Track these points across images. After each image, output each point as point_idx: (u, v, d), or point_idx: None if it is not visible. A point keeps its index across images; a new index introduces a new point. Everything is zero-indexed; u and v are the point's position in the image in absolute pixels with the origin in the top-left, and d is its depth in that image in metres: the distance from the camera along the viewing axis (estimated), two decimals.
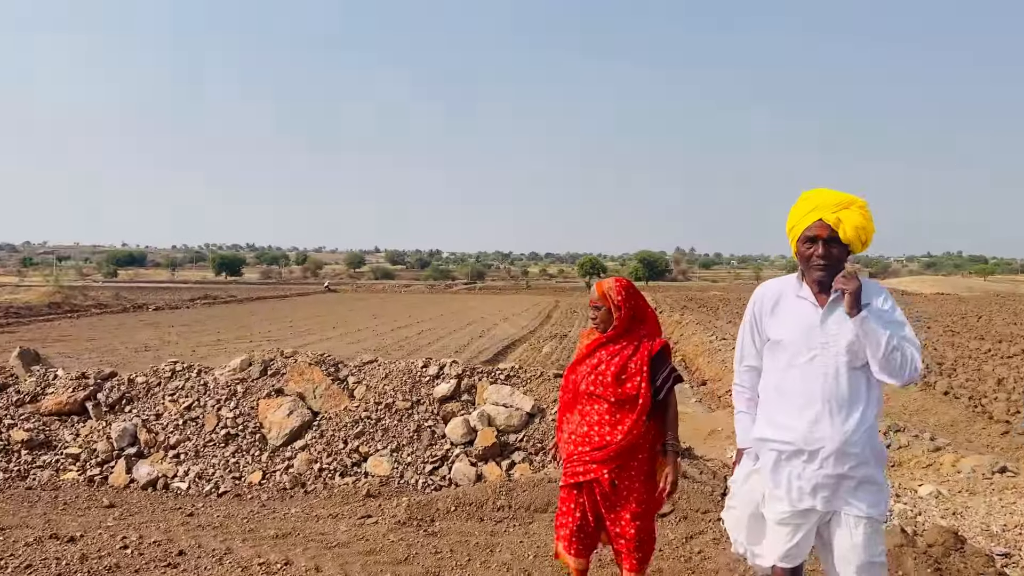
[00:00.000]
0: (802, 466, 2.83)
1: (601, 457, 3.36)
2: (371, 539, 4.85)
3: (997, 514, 5.20)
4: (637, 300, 3.50)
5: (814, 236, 2.78)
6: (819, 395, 2.79)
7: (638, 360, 3.40)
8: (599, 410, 3.42)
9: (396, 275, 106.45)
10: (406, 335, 27.08)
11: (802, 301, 2.88)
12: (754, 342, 3.04)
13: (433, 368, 6.66)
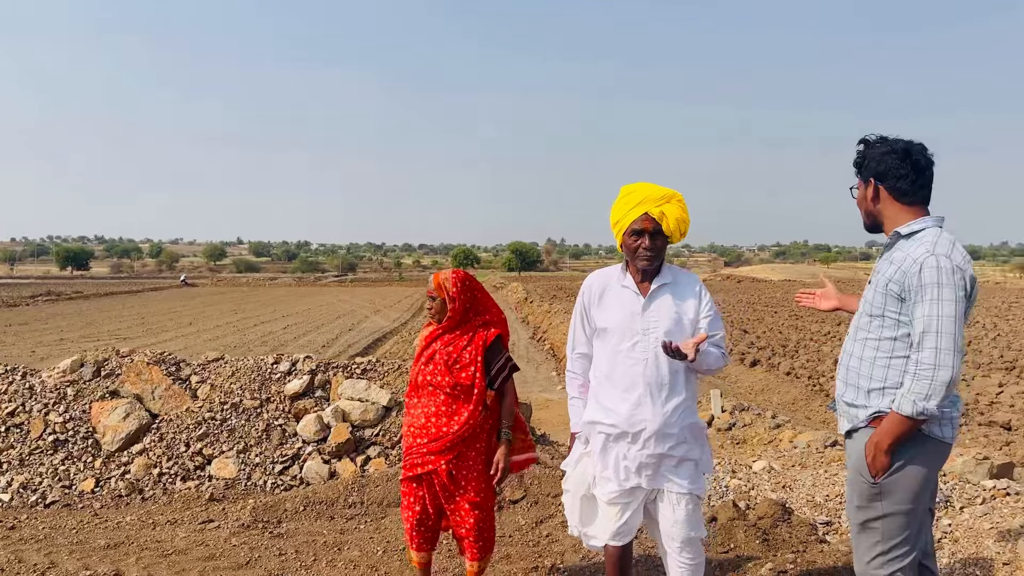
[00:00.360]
0: (627, 447, 2.98)
1: (438, 448, 3.38)
2: (211, 544, 4.64)
3: (822, 485, 5.59)
4: (474, 293, 3.51)
5: (641, 229, 2.92)
6: (641, 379, 2.95)
7: (472, 350, 3.43)
8: (436, 401, 3.44)
9: (261, 268, 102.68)
10: (270, 330, 26.20)
11: (625, 290, 3.04)
12: (584, 330, 3.16)
13: (284, 364, 6.45)
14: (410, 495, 3.51)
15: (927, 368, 2.40)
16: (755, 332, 21.73)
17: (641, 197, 2.94)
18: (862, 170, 2.72)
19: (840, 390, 2.76)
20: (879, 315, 2.59)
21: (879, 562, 2.57)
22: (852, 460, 2.64)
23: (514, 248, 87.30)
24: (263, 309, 36.52)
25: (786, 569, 4.01)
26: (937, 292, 2.41)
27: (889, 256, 2.63)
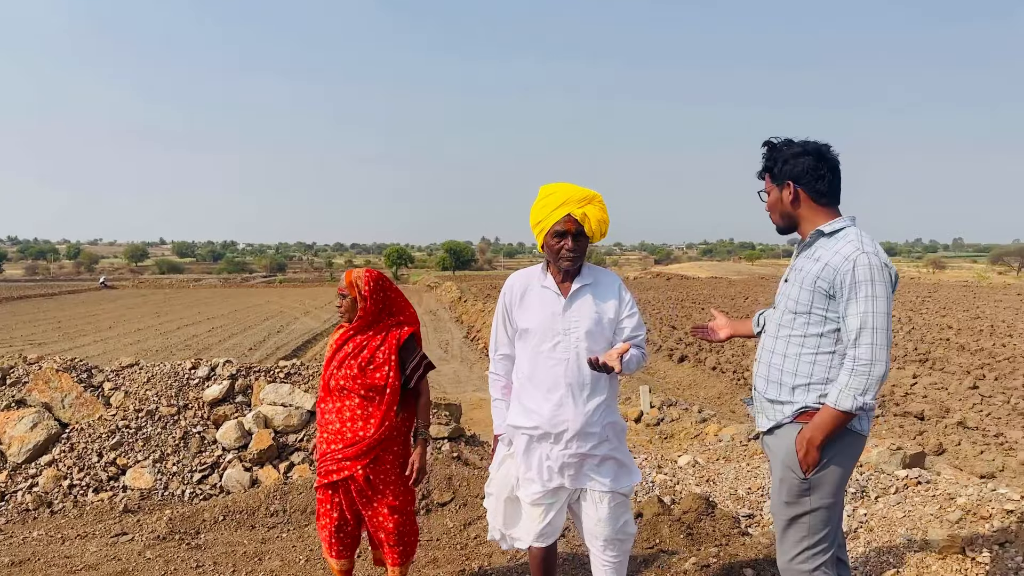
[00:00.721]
0: (550, 447, 2.97)
1: (354, 453, 3.30)
2: (124, 559, 4.45)
3: (744, 478, 5.71)
4: (387, 293, 3.43)
5: (564, 231, 2.91)
6: (563, 380, 2.94)
7: (386, 349, 3.35)
8: (351, 405, 3.34)
9: (185, 269, 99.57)
10: (194, 333, 25.44)
11: (546, 291, 3.02)
12: (506, 331, 3.14)
13: (203, 369, 6.23)
14: (327, 502, 3.42)
15: (864, 364, 2.42)
16: (683, 328, 22.15)
17: (563, 198, 2.92)
18: (774, 174, 2.71)
19: (761, 387, 2.75)
20: (805, 312, 2.59)
21: (804, 556, 2.58)
22: (780, 456, 2.62)
23: (448, 247, 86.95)
24: (187, 311, 35.43)
25: (709, 563, 4.07)
26: (871, 289, 2.45)
27: (811, 254, 2.63)
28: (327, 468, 3.35)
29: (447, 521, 5.00)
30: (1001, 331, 19.96)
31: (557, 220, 2.90)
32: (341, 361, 3.36)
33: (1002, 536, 3.64)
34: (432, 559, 4.39)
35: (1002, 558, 3.53)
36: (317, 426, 3.50)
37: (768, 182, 2.75)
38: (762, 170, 2.77)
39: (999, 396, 11.81)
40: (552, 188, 2.99)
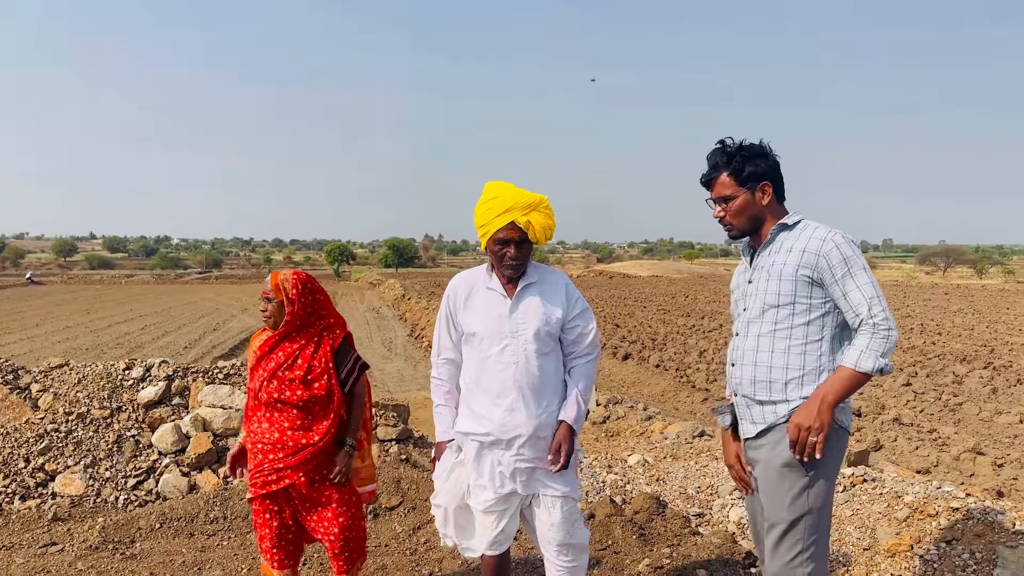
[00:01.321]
0: (501, 453, 2.90)
1: (297, 462, 3.15)
2: (54, 570, 4.20)
3: (693, 477, 5.74)
4: (316, 296, 3.28)
5: (507, 239, 2.83)
6: (512, 384, 2.87)
7: (322, 357, 3.21)
8: (289, 416, 3.18)
9: (116, 264, 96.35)
10: (126, 331, 24.59)
11: (492, 292, 2.95)
12: (450, 335, 3.05)
13: (138, 370, 5.97)
14: (264, 512, 3.25)
15: (884, 327, 2.38)
16: (626, 327, 22.36)
17: (508, 204, 2.81)
18: (743, 176, 2.62)
19: (747, 391, 2.64)
20: (788, 303, 2.54)
21: (800, 560, 2.51)
22: (778, 459, 2.53)
23: (391, 244, 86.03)
24: (118, 308, 34.25)
25: (662, 564, 4.06)
26: (862, 262, 2.46)
27: (776, 248, 2.61)
28: (265, 479, 3.18)
29: (396, 526, 4.88)
30: (931, 329, 20.69)
31: (500, 227, 2.82)
32: (271, 373, 3.17)
33: (949, 534, 3.71)
34: (381, 566, 4.27)
35: (949, 555, 3.59)
36: (246, 435, 3.29)
37: (732, 186, 2.65)
38: (724, 173, 2.66)
39: (931, 393, 12.21)
40: (497, 191, 2.88)
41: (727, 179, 2.65)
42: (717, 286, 43.97)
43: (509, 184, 2.91)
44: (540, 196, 2.88)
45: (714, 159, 2.68)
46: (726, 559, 4.10)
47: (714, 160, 2.68)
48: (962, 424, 10.38)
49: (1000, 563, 3.41)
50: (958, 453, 8.53)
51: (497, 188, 2.89)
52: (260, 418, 3.22)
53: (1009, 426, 10.16)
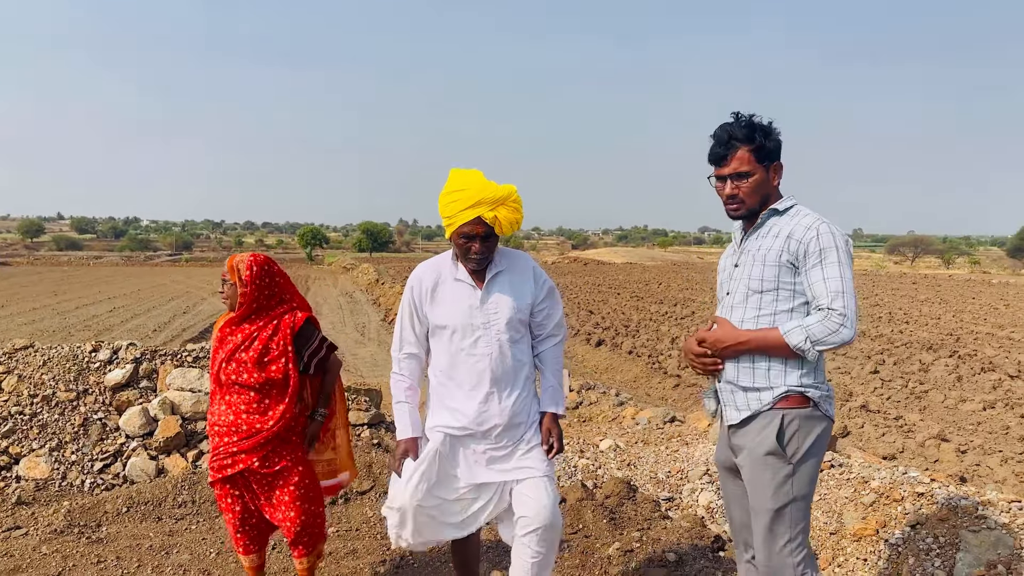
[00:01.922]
0: (476, 444, 2.87)
1: (250, 446, 3.14)
2: (17, 554, 4.13)
3: (663, 462, 5.79)
4: (273, 279, 3.24)
5: (472, 234, 2.75)
6: (487, 376, 2.83)
7: (280, 340, 3.18)
8: (245, 399, 3.18)
9: (84, 245, 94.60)
10: (94, 313, 24.19)
11: (461, 284, 2.88)
12: (414, 328, 2.95)
13: (105, 352, 5.86)
14: (226, 496, 3.25)
15: (839, 317, 2.34)
16: (600, 313, 22.44)
17: (475, 198, 2.71)
18: (763, 152, 2.55)
19: (731, 375, 2.59)
20: (772, 288, 2.51)
21: (790, 548, 2.50)
22: (762, 447, 2.50)
23: (365, 228, 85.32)
24: (86, 290, 33.67)
25: (632, 548, 4.09)
26: (839, 255, 2.42)
27: (764, 233, 2.59)
28: (220, 463, 3.18)
29: (367, 510, 4.87)
30: (899, 318, 21.02)
31: (466, 221, 2.73)
32: (229, 354, 3.17)
33: (914, 518, 3.78)
34: (351, 550, 4.26)
35: (914, 540, 3.65)
36: (207, 419, 3.32)
37: (751, 162, 2.55)
38: (744, 148, 2.54)
39: (898, 380, 12.41)
40: (463, 182, 2.77)
41: (746, 154, 2.55)
42: (690, 273, 44.27)
43: (476, 174, 2.80)
44: (508, 189, 2.78)
45: (731, 132, 2.55)
46: (695, 543, 4.14)
47: (731, 133, 2.55)
48: (928, 411, 10.58)
49: (963, 547, 3.47)
50: (923, 440, 8.69)
51: (463, 179, 2.78)
52: (219, 400, 3.23)
53: (973, 413, 10.38)
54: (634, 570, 3.87)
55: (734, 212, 2.64)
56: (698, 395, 12.19)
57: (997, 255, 79.86)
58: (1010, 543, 3.39)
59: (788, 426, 2.49)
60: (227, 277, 3.19)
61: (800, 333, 2.39)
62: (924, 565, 3.52)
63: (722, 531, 4.53)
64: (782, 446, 2.48)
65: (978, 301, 27.32)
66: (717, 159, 2.61)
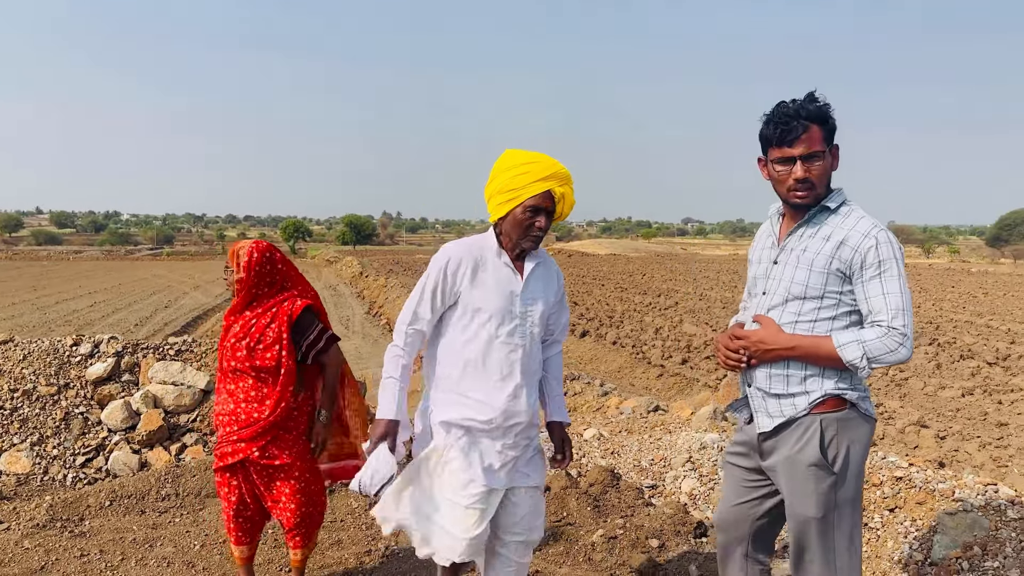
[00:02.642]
0: (493, 443, 2.68)
1: (249, 435, 3.16)
2: (0, 549, 4.11)
3: (647, 450, 5.82)
4: (274, 266, 3.23)
5: (540, 207, 2.60)
6: (518, 368, 2.68)
7: (276, 327, 3.16)
8: (244, 387, 3.20)
9: (64, 240, 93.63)
10: (75, 308, 23.96)
11: (506, 268, 2.69)
12: (433, 306, 2.68)
13: (86, 346, 5.83)
14: (224, 485, 3.28)
15: (899, 336, 2.21)
16: (584, 304, 22.51)
17: (548, 171, 2.59)
18: (832, 134, 2.38)
19: (762, 383, 2.45)
20: (816, 296, 2.35)
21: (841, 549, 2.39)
22: (805, 457, 2.36)
23: (348, 221, 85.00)
24: (67, 285, 33.33)
25: (616, 535, 4.12)
26: (898, 268, 2.27)
27: (813, 233, 2.40)
28: (223, 451, 3.22)
29: (351, 501, 4.88)
30: None
31: (537, 193, 2.57)
32: (230, 341, 3.20)
33: (892, 502, 3.84)
34: (336, 541, 4.27)
35: (892, 523, 3.71)
36: (214, 407, 3.34)
37: (822, 142, 2.35)
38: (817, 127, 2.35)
39: (878, 368, 12.56)
40: (534, 156, 2.64)
41: (819, 133, 2.34)
42: (673, 264, 44.49)
43: (539, 153, 2.68)
44: (569, 172, 2.70)
45: (800, 108, 2.35)
46: (677, 529, 4.18)
47: (800, 108, 2.35)
48: (907, 398, 10.72)
49: (940, 529, 3.53)
50: (903, 426, 8.80)
51: (532, 154, 2.66)
52: (222, 389, 3.26)
53: (952, 400, 10.52)
54: (617, 556, 3.91)
55: (801, 199, 2.40)
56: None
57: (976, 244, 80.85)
58: (986, 525, 3.45)
59: (827, 431, 2.36)
60: (228, 264, 3.22)
61: (857, 349, 2.24)
62: (903, 548, 3.58)
63: (704, 517, 4.58)
64: (825, 456, 2.35)
65: (957, 290, 27.65)
66: (783, 138, 2.36)
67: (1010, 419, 9.43)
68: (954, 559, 3.33)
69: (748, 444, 2.59)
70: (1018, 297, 24.98)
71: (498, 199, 2.63)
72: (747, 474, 2.63)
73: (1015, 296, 25.37)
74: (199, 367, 5.82)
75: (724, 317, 18.56)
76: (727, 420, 6.54)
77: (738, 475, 2.67)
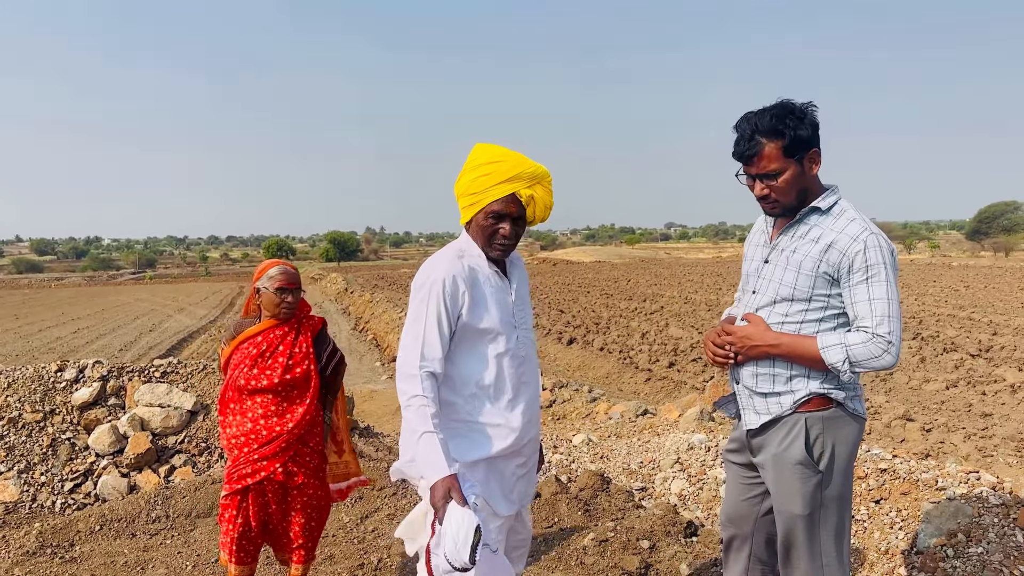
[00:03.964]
0: (507, 463, 2.50)
1: (272, 451, 3.16)
2: None
3: (636, 453, 5.86)
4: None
5: (504, 212, 2.37)
6: (525, 381, 2.52)
7: (304, 341, 3.27)
8: (262, 403, 3.20)
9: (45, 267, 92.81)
10: (58, 335, 23.77)
11: (495, 277, 2.48)
12: (441, 338, 2.35)
13: (71, 371, 5.80)
14: (233, 508, 3.23)
15: (884, 343, 2.20)
16: (571, 312, 22.56)
17: (512, 172, 2.34)
18: (794, 145, 2.29)
19: (748, 381, 2.46)
20: (804, 299, 2.34)
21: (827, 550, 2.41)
22: (791, 456, 2.37)
23: (332, 238, 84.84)
24: (49, 313, 33.06)
25: (607, 537, 4.15)
26: (886, 274, 2.24)
27: (803, 234, 2.38)
28: (240, 472, 3.18)
29: (343, 516, 4.87)
30: None
31: (498, 198, 2.34)
32: (253, 360, 3.21)
33: (877, 494, 3.89)
34: (328, 555, 4.27)
35: (878, 514, 3.76)
36: (222, 432, 3.32)
37: (780, 158, 2.30)
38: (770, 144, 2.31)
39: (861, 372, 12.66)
40: (498, 154, 2.39)
41: (775, 150, 2.30)
42: (657, 269, 44.70)
43: (508, 149, 2.44)
44: (544, 168, 2.45)
45: (755, 125, 2.31)
46: (668, 529, 4.21)
47: (755, 126, 2.31)
48: (893, 392, 10.82)
49: (924, 518, 3.58)
50: (889, 420, 8.88)
51: (497, 151, 2.41)
52: (233, 412, 3.24)
53: (936, 393, 10.64)
54: (609, 558, 3.94)
55: (770, 211, 2.44)
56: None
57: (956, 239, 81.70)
58: (968, 512, 3.51)
59: (812, 430, 2.36)
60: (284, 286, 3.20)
61: (840, 352, 2.24)
62: (889, 538, 3.63)
63: (694, 517, 4.62)
64: (810, 454, 2.36)
65: (939, 284, 27.95)
66: (739, 156, 2.37)
67: (994, 409, 9.54)
68: (939, 547, 3.39)
69: (740, 441, 2.62)
70: (999, 289, 25.28)
71: (462, 202, 2.43)
72: (743, 470, 2.65)
73: (996, 288, 25.68)
74: (185, 388, 5.81)
75: (709, 320, 18.67)
76: (714, 420, 6.59)
77: (736, 472, 2.70)
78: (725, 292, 26.97)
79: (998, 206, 63.06)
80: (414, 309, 2.38)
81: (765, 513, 2.62)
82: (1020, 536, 3.29)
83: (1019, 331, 15.50)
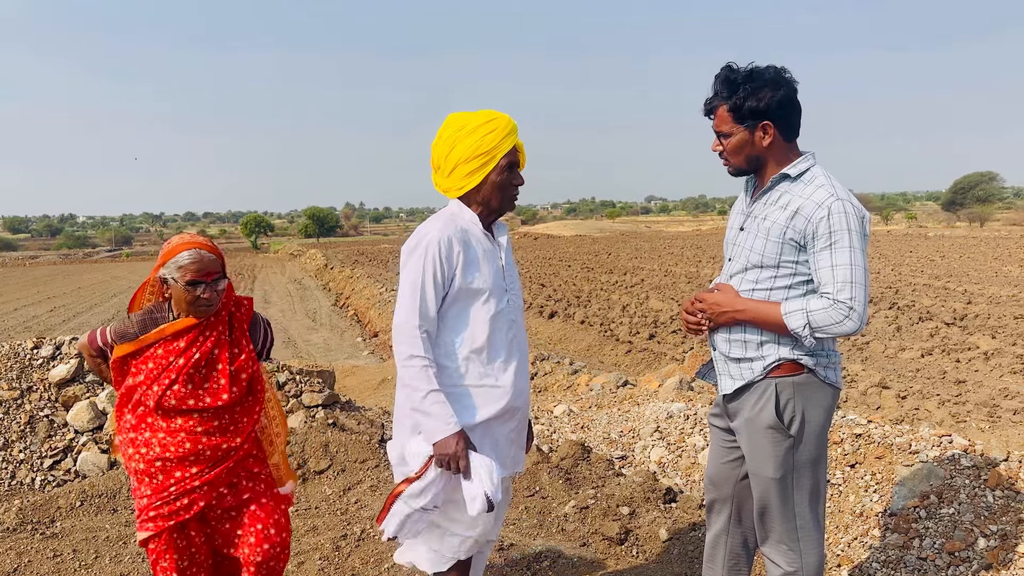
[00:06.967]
0: (502, 425, 2.54)
1: (217, 474, 2.56)
2: None
3: (616, 422, 5.92)
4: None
5: (515, 163, 2.48)
6: (516, 344, 2.56)
7: (241, 338, 2.67)
8: (203, 418, 2.56)
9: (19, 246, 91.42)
10: (34, 314, 23.50)
11: (487, 241, 2.52)
12: (436, 298, 2.40)
13: (47, 348, 5.74)
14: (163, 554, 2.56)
15: (844, 309, 2.22)
16: (552, 285, 22.61)
17: (510, 125, 2.44)
18: (741, 113, 2.35)
19: (722, 347, 2.50)
20: (772, 265, 2.38)
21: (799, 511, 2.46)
22: (762, 420, 2.42)
23: (310, 213, 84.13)
24: (24, 291, 32.62)
25: (587, 505, 4.21)
26: (850, 239, 2.25)
27: (774, 200, 2.40)
28: (171, 508, 2.52)
29: (325, 488, 4.90)
30: None
31: (508, 149, 2.43)
32: (185, 373, 2.51)
33: (852, 458, 3.96)
34: (312, 527, 4.30)
35: (853, 478, 3.84)
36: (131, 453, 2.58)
37: (729, 121, 2.38)
38: (723, 106, 2.38)
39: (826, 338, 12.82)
40: (486, 114, 2.45)
41: (725, 113, 2.38)
42: (638, 243, 44.83)
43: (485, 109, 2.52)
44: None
45: (715, 87, 2.39)
46: (647, 496, 4.27)
47: (714, 88, 2.39)
48: (869, 361, 10.98)
49: (898, 481, 3.66)
50: (865, 388, 9.02)
51: (482, 113, 2.47)
52: (152, 427, 2.55)
53: (912, 361, 10.81)
54: (590, 525, 3.99)
55: (727, 169, 2.50)
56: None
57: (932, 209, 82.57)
58: (941, 474, 3.58)
59: (782, 395, 2.40)
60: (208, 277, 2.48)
61: (800, 317, 2.27)
62: (863, 501, 3.71)
63: (673, 484, 4.68)
64: (781, 418, 2.40)
65: (915, 254, 28.28)
66: (707, 113, 2.47)
67: (967, 376, 9.72)
68: (912, 508, 3.46)
69: (721, 405, 2.67)
70: (973, 259, 25.63)
71: (468, 167, 2.41)
72: (724, 434, 2.70)
73: (971, 258, 26.03)
74: None
75: (689, 292, 18.80)
76: (693, 390, 6.66)
77: (718, 435, 2.75)
78: (705, 264, 27.14)
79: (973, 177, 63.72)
80: (410, 270, 2.41)
81: (744, 476, 2.66)
82: (991, 496, 3.37)
83: (993, 300, 15.75)
